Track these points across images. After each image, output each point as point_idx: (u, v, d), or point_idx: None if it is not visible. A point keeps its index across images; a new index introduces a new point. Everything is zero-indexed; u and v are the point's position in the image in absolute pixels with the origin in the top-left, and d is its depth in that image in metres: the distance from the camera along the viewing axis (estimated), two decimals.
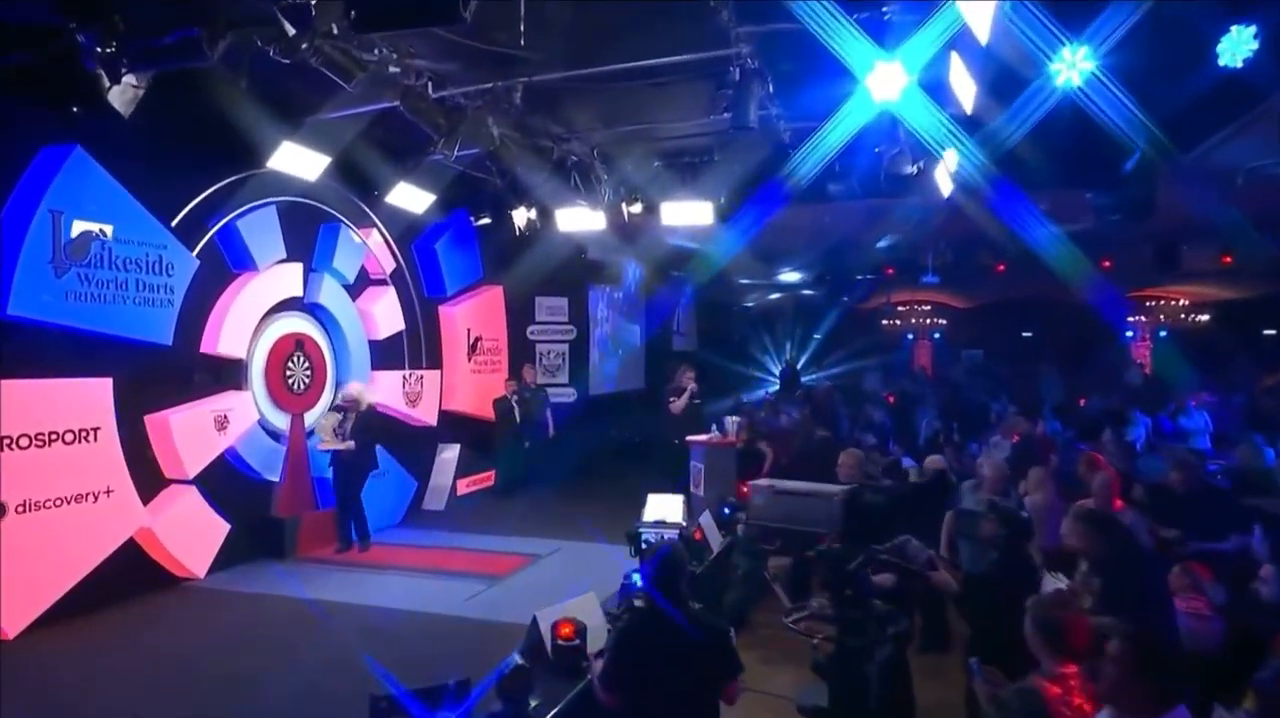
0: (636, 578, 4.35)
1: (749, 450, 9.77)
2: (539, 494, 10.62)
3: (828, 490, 4.67)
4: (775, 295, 19.46)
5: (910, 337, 20.11)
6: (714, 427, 9.53)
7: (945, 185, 7.25)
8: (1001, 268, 11.73)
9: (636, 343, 15.05)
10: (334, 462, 7.59)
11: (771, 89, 6.41)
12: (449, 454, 10.19)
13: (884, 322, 19.23)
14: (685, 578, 3.49)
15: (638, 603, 4.41)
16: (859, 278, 13.52)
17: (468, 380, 10.60)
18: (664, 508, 4.76)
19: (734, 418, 9.65)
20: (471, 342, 10.70)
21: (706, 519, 7.83)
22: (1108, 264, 10.72)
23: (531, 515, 9.56)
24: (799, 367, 19.14)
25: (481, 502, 10.33)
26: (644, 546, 4.24)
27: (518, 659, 4.61)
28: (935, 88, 5.40)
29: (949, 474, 6.09)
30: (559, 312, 12.37)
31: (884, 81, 5.04)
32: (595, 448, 12.52)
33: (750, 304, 20.56)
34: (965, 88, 5.13)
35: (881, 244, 11.28)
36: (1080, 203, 7.26)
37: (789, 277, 16.39)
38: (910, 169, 6.65)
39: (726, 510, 6.82)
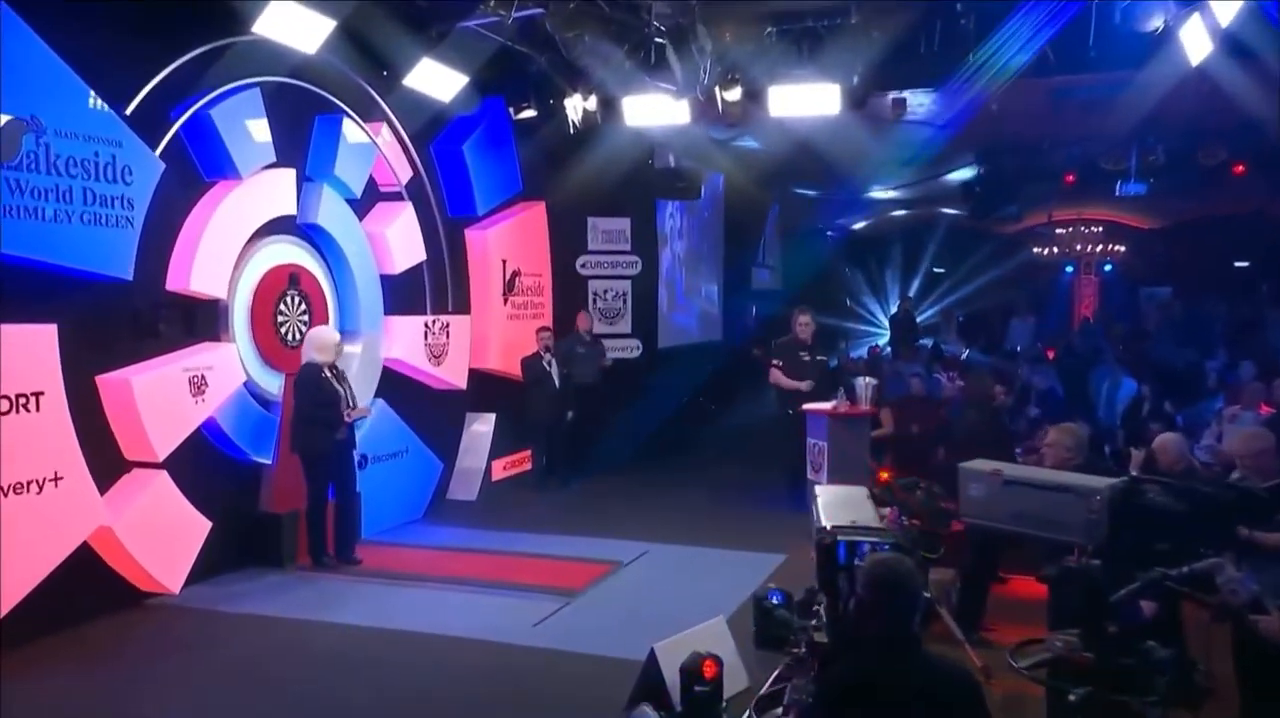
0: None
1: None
2: (599, 480, 10.56)
3: (1086, 484, 4.10)
4: (887, 215, 18.85)
5: (1069, 269, 19.41)
6: (840, 392, 9.16)
7: (1197, 48, 6.53)
8: (1240, 169, 10.92)
9: (716, 281, 14.67)
10: (305, 444, 7.20)
11: None
12: (482, 427, 10.01)
13: (1035, 249, 18.49)
14: (920, 611, 3.08)
15: (818, 637, 4.02)
16: (1021, 189, 12.81)
17: (503, 329, 10.34)
18: (849, 505, 4.27)
19: (867, 379, 9.29)
20: (508, 277, 10.39)
21: None
22: None
23: (596, 508, 9.49)
24: (915, 310, 18.58)
25: (524, 490, 10.26)
26: (840, 562, 3.75)
27: (650, 714, 4.27)
28: None
29: None
30: (619, 238, 11.98)
31: None
32: (667, 419, 12.44)
33: (852, 228, 19.98)
34: None
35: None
36: None
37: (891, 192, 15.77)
38: (1157, 24, 5.96)
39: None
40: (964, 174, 13.63)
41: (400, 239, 8.73)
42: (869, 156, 11.90)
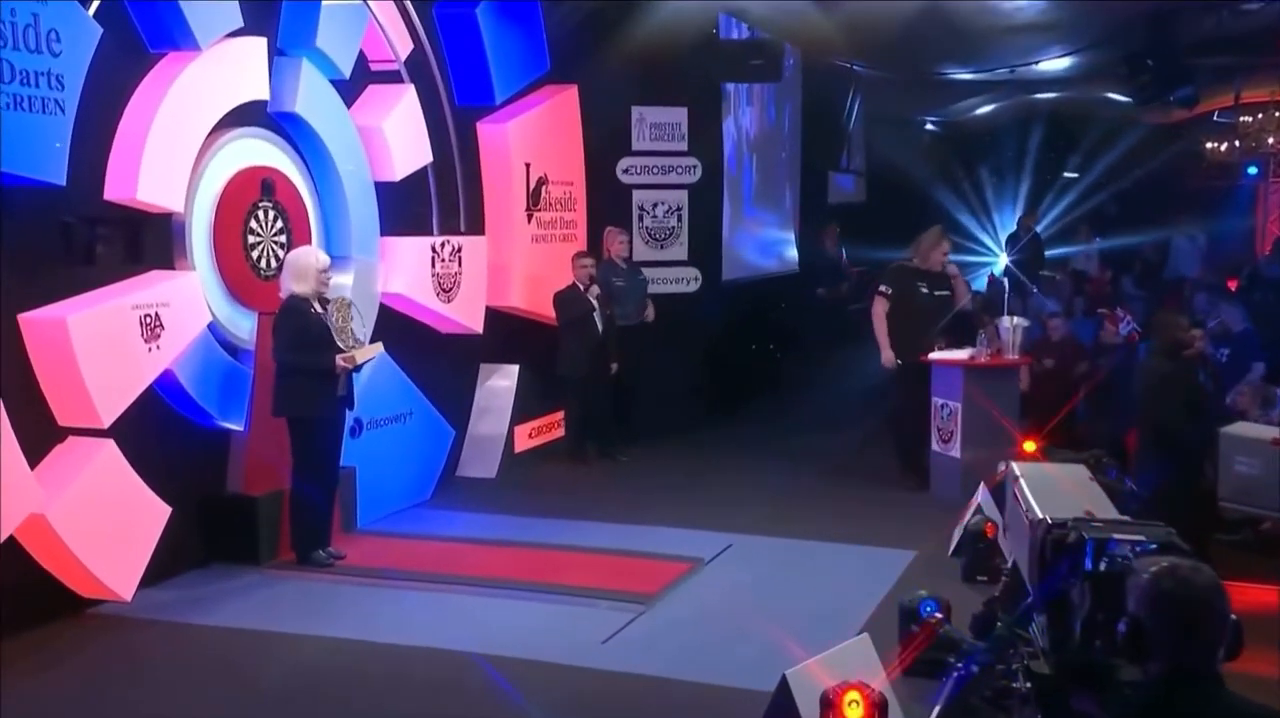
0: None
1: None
2: (651, 450, 10.70)
3: None
4: (1000, 104, 18.52)
5: (1253, 171, 19.05)
6: (979, 338, 9.14)
7: None
8: None
9: (792, 194, 14.63)
10: (295, 405, 7.19)
11: None
12: (502, 381, 10.08)
13: (1208, 144, 18.10)
14: (1226, 637, 2.92)
15: (1036, 667, 3.83)
16: (1201, 64, 12.46)
17: (526, 254, 10.33)
18: (1072, 490, 4.05)
19: (1015, 320, 9.24)
20: (532, 186, 10.31)
21: (986, 500, 7.32)
22: None
23: (654, 488, 9.60)
24: (1039, 228, 18.37)
25: (557, 463, 10.42)
26: (1087, 568, 3.52)
27: None
28: None
29: None
30: (673, 134, 11.76)
31: None
32: (733, 372, 12.57)
33: (957, 120, 19.69)
34: None
35: None
36: None
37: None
38: None
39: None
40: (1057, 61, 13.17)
41: (400, 135, 8.67)
42: (1002, 22, 11.61)
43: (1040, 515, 3.86)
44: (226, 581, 7.04)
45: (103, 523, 6.36)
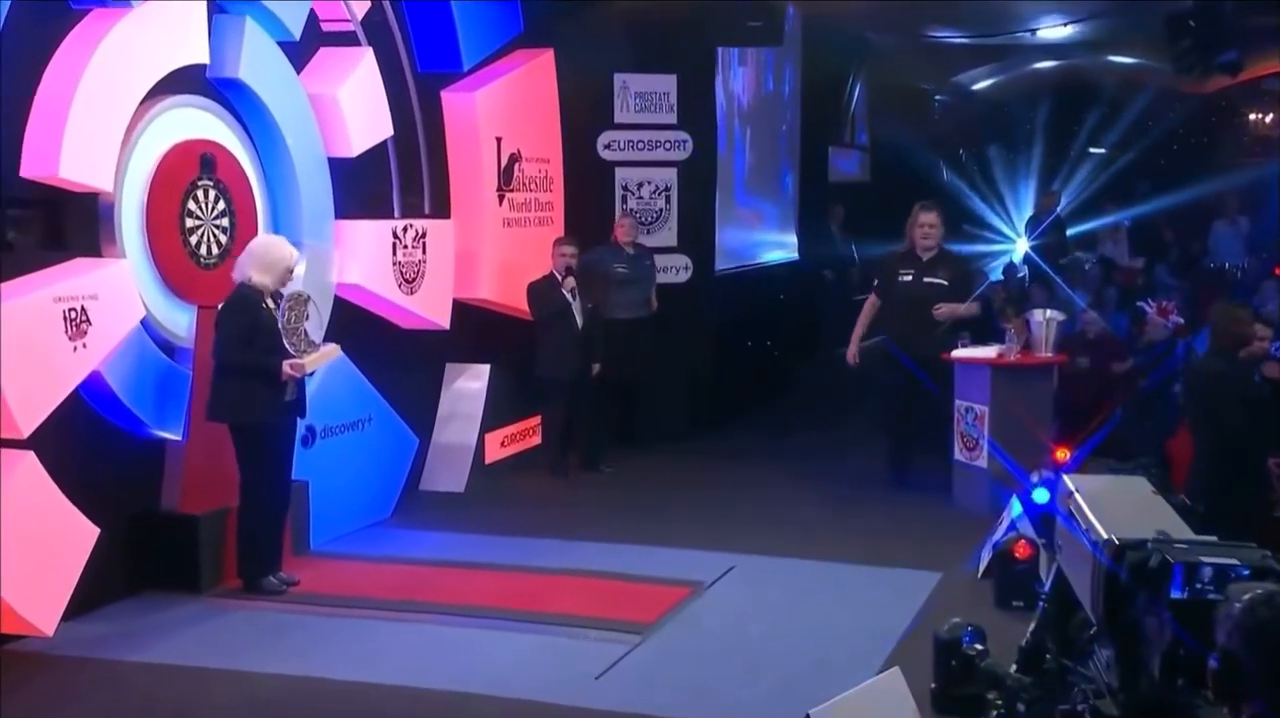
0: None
1: None
2: (640, 460, 10.81)
3: None
4: (1019, 71, 18.58)
5: None
6: (1008, 334, 9.20)
7: None
8: None
9: (792, 172, 14.76)
10: (238, 409, 7.24)
11: None
12: (471, 383, 10.12)
13: (1251, 115, 18.18)
14: None
15: (1103, 707, 3.77)
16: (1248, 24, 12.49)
17: (498, 240, 10.32)
18: (1137, 506, 3.98)
19: (1048, 313, 9.32)
20: (504, 163, 10.31)
21: (1020, 518, 7.35)
22: None
23: (645, 502, 9.70)
24: (1061, 209, 18.42)
25: (533, 475, 10.45)
26: (1173, 595, 3.46)
27: None
28: None
29: None
30: (661, 105, 11.77)
31: None
32: (729, 371, 12.62)
33: (973, 87, 19.71)
34: None
35: None
36: None
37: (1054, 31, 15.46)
38: None
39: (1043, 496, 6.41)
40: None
41: (357, 105, 8.64)
42: None
43: (1106, 536, 3.79)
44: (163, 611, 6.99)
45: (21, 547, 6.25)
